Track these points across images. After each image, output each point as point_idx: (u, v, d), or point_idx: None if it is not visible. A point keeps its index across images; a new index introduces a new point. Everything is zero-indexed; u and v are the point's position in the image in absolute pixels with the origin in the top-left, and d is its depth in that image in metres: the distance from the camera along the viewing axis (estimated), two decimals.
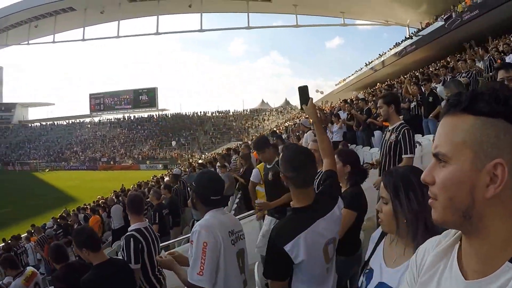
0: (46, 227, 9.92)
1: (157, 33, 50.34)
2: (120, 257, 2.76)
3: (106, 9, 47.48)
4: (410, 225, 1.11)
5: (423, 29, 24.88)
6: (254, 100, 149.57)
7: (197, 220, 4.67)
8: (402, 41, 27.91)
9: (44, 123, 62.84)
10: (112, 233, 8.03)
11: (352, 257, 2.31)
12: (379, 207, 1.23)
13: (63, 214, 12.12)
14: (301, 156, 1.54)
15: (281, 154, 1.68)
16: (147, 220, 2.93)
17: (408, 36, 27.93)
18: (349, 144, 7.32)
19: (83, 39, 51.61)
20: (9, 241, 9.16)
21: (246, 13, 42.92)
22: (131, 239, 2.54)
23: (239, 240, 1.91)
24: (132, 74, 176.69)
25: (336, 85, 42.68)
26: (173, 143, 46.79)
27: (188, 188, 7.10)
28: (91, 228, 2.72)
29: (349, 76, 38.47)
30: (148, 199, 6.46)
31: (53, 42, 53.42)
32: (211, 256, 1.69)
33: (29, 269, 3.76)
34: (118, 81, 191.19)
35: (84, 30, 51.34)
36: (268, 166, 3.56)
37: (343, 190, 2.11)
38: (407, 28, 29.55)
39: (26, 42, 55.54)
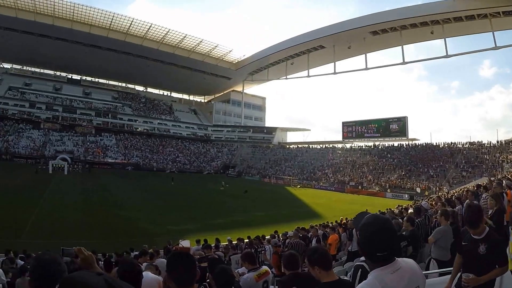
0: (287, 235, 11.26)
1: (404, 63, 53.67)
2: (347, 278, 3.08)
3: (353, 44, 54.74)
4: None
5: None
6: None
7: (435, 259, 5.28)
8: None
9: (300, 146, 76.58)
10: (348, 254, 8.73)
11: None
12: None
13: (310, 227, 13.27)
14: None
15: None
16: None
17: None
18: None
19: (335, 73, 61.58)
20: (253, 239, 10.64)
21: (491, 32, 39.93)
22: (360, 270, 2.65)
23: None
24: (381, 102, 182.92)
25: None
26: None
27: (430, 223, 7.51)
28: (325, 249, 2.76)
29: None
30: None
31: (308, 76, 66.68)
32: None
33: (264, 267, 4.40)
34: (368, 109, 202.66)
35: (334, 64, 61.22)
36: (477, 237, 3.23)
37: None
38: None
39: (285, 77, 71.48)
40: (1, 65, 75.65)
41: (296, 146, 77.82)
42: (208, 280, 3.34)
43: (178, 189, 38.79)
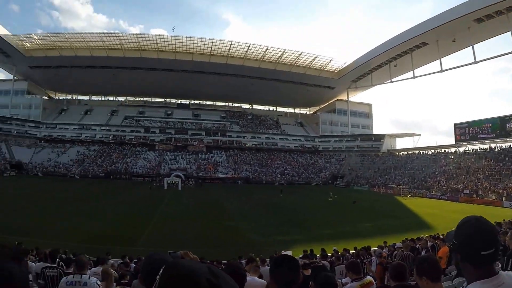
0: (395, 246, 11.74)
1: None
2: None
3: (457, 36, 52.30)
4: None
5: None
6: None
7: None
8: None
9: (410, 152, 73.40)
10: (457, 268, 8.02)
11: None
12: None
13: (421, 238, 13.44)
14: None
15: None
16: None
17: None
18: None
19: (441, 70, 58.89)
20: (360, 250, 11.46)
21: None
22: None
23: None
24: (495, 99, 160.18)
25: None
26: None
27: None
28: (435, 259, 2.66)
29: None
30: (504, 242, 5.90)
31: (413, 77, 64.74)
32: None
33: (368, 278, 4.59)
34: (482, 108, 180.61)
35: (440, 61, 58.63)
36: None
37: None
38: None
39: (389, 81, 70.07)
40: (116, 99, 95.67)
41: (405, 152, 75.08)
42: None
43: (286, 200, 41.28)
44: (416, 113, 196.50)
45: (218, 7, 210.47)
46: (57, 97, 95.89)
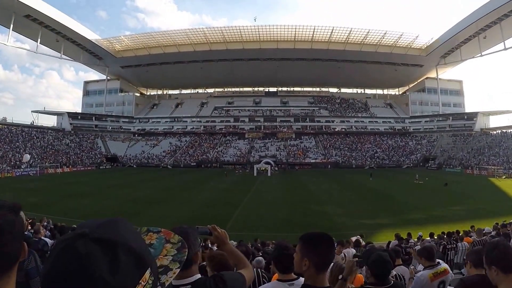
0: (484, 231, 11.72)
1: None
2: None
3: None
4: None
5: None
6: None
7: None
8: None
9: (504, 131, 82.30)
10: None
11: None
12: None
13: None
14: None
15: None
16: None
17: None
18: None
19: None
20: (445, 235, 12.62)
21: None
22: None
23: None
24: None
25: None
26: None
27: None
28: (508, 245, 2.60)
29: None
30: None
31: (505, 49, 74.46)
32: None
33: (443, 265, 4.84)
34: None
35: None
36: None
37: None
38: None
39: (479, 54, 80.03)
40: (205, 91, 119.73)
41: (500, 131, 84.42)
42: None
43: (376, 184, 46.29)
44: (510, 88, 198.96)
45: None
46: (148, 93, 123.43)
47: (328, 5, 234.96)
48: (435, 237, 14.20)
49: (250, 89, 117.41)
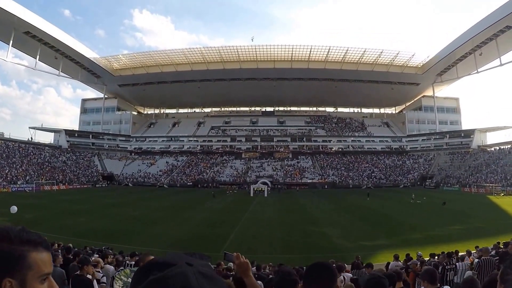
0: (490, 250, 11.37)
1: None
2: None
3: None
4: None
5: None
6: None
7: None
8: None
9: (502, 147, 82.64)
10: None
11: None
12: None
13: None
14: None
15: None
16: None
17: None
18: None
19: None
20: (439, 255, 12.71)
21: None
22: None
23: None
24: None
25: None
26: None
27: None
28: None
29: None
30: None
31: (500, 65, 75.52)
32: None
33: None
34: None
35: None
36: None
37: None
38: None
39: (475, 71, 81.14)
40: (202, 110, 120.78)
41: (497, 147, 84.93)
42: None
43: (373, 204, 46.70)
44: (507, 103, 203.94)
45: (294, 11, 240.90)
46: (145, 112, 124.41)
47: (324, 25, 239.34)
48: (436, 258, 14.08)
49: (247, 108, 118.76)
